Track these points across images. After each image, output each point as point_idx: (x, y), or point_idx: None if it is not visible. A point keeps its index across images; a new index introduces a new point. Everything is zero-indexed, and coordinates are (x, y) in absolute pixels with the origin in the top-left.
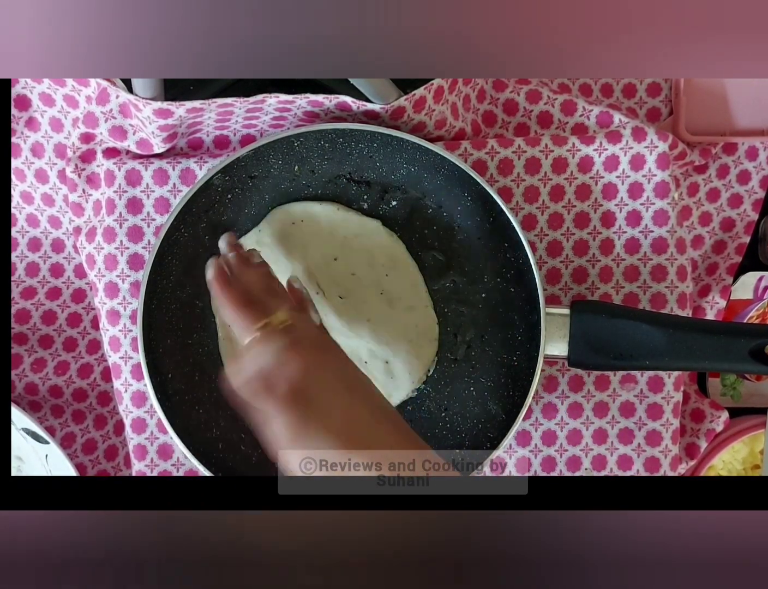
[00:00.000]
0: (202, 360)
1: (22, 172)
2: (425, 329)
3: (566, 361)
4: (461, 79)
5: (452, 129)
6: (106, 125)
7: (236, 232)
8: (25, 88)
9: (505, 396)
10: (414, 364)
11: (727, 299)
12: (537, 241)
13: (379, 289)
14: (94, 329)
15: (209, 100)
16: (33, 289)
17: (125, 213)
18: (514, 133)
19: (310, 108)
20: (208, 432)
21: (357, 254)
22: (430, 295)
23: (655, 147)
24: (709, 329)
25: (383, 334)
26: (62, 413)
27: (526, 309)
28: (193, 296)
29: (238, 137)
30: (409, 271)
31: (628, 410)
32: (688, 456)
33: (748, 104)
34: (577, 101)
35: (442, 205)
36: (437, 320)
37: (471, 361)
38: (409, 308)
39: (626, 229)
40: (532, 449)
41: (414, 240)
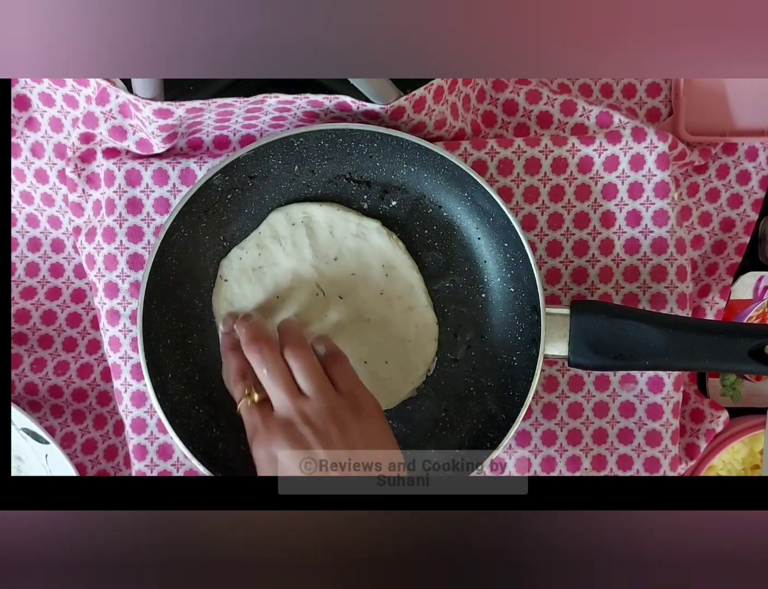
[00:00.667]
0: (202, 360)
1: (21, 172)
2: (425, 329)
3: (566, 361)
4: (461, 80)
5: (452, 129)
6: (105, 125)
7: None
8: (25, 88)
9: (505, 396)
10: (414, 364)
11: (727, 299)
12: (537, 241)
13: (378, 289)
14: (93, 329)
15: (209, 100)
16: (33, 289)
17: (125, 213)
18: (514, 134)
19: (310, 108)
20: (208, 432)
21: (356, 255)
22: (429, 295)
23: (654, 147)
24: (709, 329)
25: (383, 334)
26: (62, 413)
27: (526, 309)
28: (193, 296)
29: (238, 137)
30: (409, 272)
31: (628, 410)
32: (688, 456)
33: (748, 104)
34: (577, 101)
35: (442, 205)
36: (437, 319)
37: (471, 361)
38: (408, 308)
39: (626, 230)
40: (532, 449)
41: (414, 240)
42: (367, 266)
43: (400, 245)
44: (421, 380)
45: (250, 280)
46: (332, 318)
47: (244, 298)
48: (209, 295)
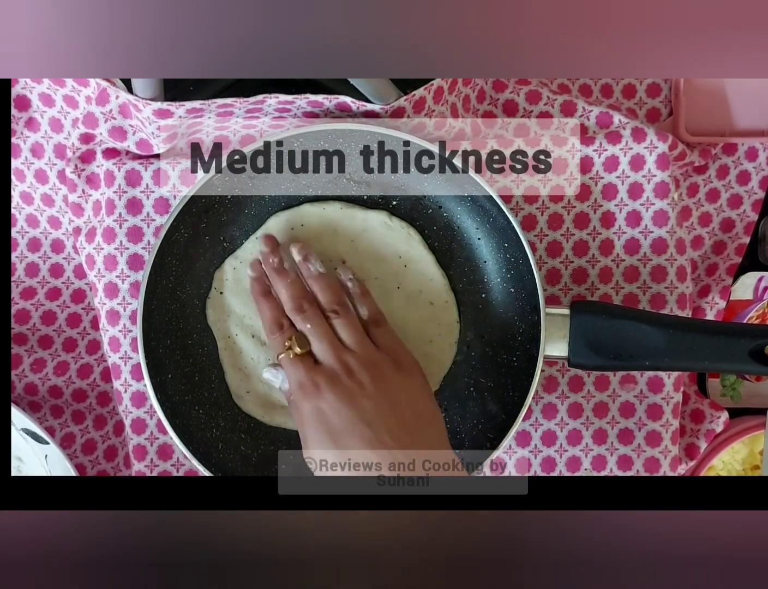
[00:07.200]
0: (202, 360)
1: (21, 172)
2: (446, 331)
3: (566, 361)
4: (461, 80)
5: (452, 129)
6: (105, 126)
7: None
8: (25, 89)
9: (505, 396)
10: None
11: (727, 299)
12: (537, 241)
13: (395, 283)
14: (93, 330)
15: (209, 101)
16: (33, 289)
17: (125, 213)
18: (514, 134)
19: (310, 108)
20: (208, 432)
21: (365, 252)
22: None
23: (654, 147)
24: (709, 330)
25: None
26: (62, 414)
27: (526, 309)
28: (193, 296)
29: (238, 137)
30: (426, 260)
31: (627, 410)
32: (688, 457)
33: (748, 104)
34: (576, 102)
35: (442, 205)
36: (458, 319)
37: (471, 361)
38: (430, 303)
39: (626, 230)
40: (531, 450)
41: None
42: (375, 261)
43: (414, 234)
44: (437, 383)
45: (245, 291)
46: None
47: (240, 309)
48: (209, 295)
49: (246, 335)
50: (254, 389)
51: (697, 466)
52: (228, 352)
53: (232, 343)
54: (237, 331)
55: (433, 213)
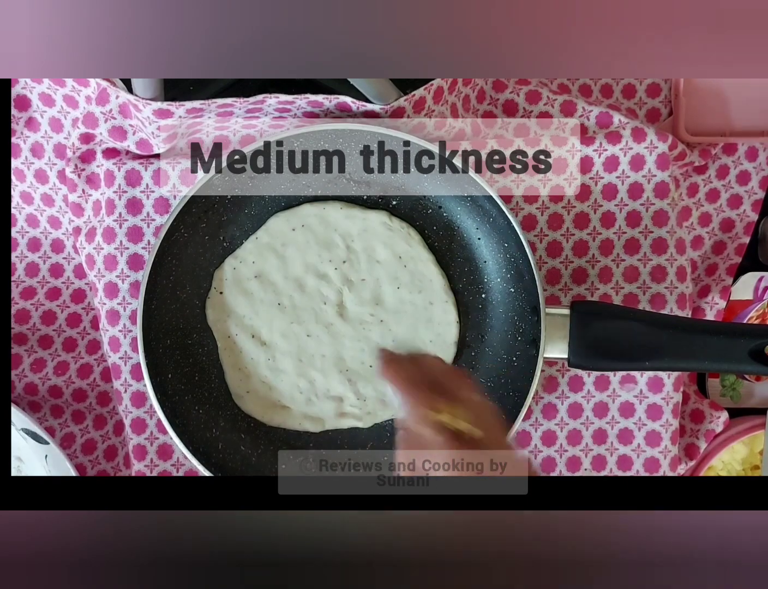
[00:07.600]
0: (202, 360)
1: (21, 172)
2: (446, 331)
3: (566, 361)
4: (461, 80)
5: (452, 129)
6: (105, 125)
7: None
8: (25, 89)
9: (505, 396)
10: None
11: (727, 299)
12: (537, 241)
13: (395, 283)
14: (93, 330)
15: (209, 101)
16: (33, 289)
17: (125, 213)
18: (514, 134)
19: (310, 108)
20: (208, 432)
21: (364, 252)
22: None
23: (654, 148)
24: (709, 330)
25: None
26: (62, 414)
27: (526, 309)
28: (193, 296)
29: (238, 137)
30: (426, 260)
31: (627, 410)
32: (688, 456)
33: (748, 105)
34: (576, 102)
35: (442, 205)
36: (458, 319)
37: (471, 361)
38: (429, 303)
39: (626, 230)
40: (531, 450)
41: None
42: (379, 261)
43: (414, 234)
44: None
45: (245, 291)
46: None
47: (240, 309)
48: (209, 295)
49: (246, 335)
50: (254, 389)
51: (697, 466)
52: (228, 352)
53: (232, 343)
54: (237, 331)
55: (433, 213)
